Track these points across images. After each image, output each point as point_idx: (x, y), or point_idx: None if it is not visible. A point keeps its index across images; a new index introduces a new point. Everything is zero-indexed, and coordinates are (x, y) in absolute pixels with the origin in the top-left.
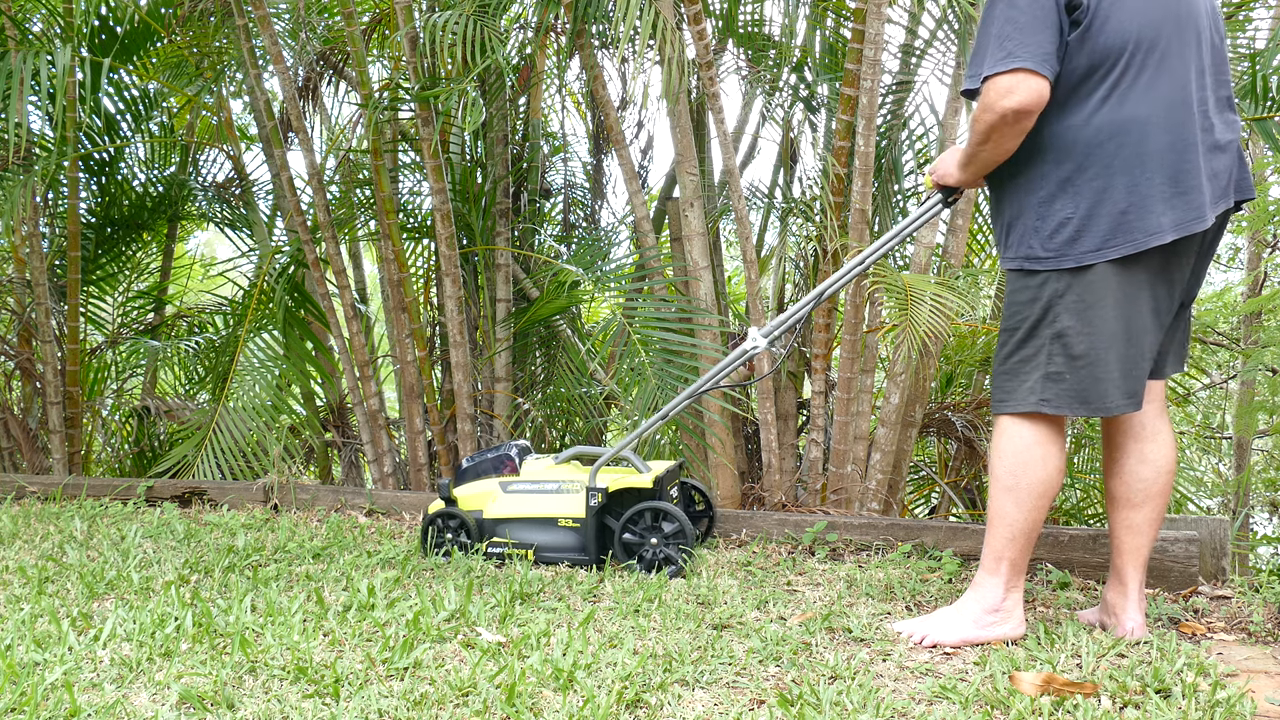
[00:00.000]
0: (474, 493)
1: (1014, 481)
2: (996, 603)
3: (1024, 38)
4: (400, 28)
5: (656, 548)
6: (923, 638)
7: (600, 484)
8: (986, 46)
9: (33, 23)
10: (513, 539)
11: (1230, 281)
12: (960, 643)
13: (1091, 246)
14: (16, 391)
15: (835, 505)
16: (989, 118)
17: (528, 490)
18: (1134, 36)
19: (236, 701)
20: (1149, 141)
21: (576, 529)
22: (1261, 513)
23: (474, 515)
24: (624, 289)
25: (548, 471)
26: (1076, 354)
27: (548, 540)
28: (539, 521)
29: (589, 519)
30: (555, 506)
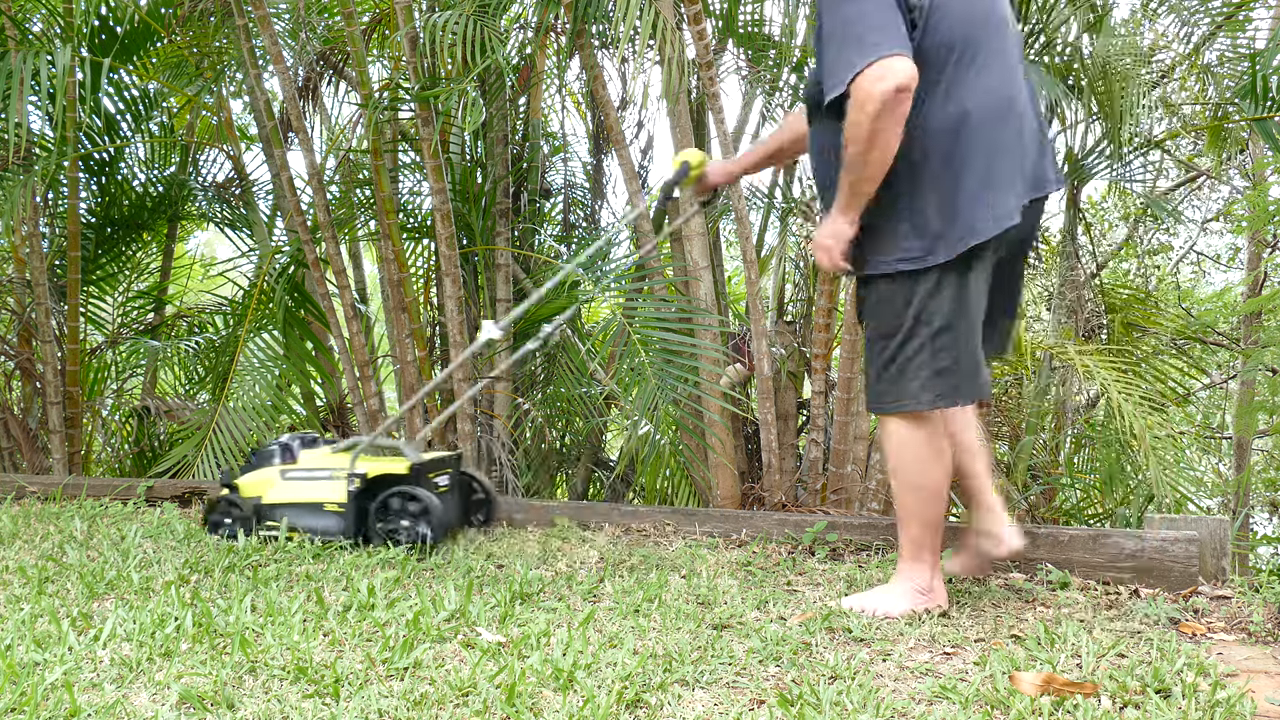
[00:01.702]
0: (256, 480)
1: (920, 481)
2: (925, 584)
3: (881, 31)
4: (400, 28)
5: (409, 529)
6: (875, 609)
7: (359, 470)
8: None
9: (33, 23)
10: (287, 523)
11: (1230, 281)
12: (901, 613)
13: (957, 238)
14: (16, 391)
15: (835, 505)
16: (871, 108)
17: (302, 477)
18: (961, 35)
19: (236, 701)
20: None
21: (341, 513)
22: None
23: (253, 501)
24: (624, 289)
25: (320, 460)
26: (954, 347)
27: (317, 524)
28: (309, 506)
29: (349, 503)
30: (323, 492)
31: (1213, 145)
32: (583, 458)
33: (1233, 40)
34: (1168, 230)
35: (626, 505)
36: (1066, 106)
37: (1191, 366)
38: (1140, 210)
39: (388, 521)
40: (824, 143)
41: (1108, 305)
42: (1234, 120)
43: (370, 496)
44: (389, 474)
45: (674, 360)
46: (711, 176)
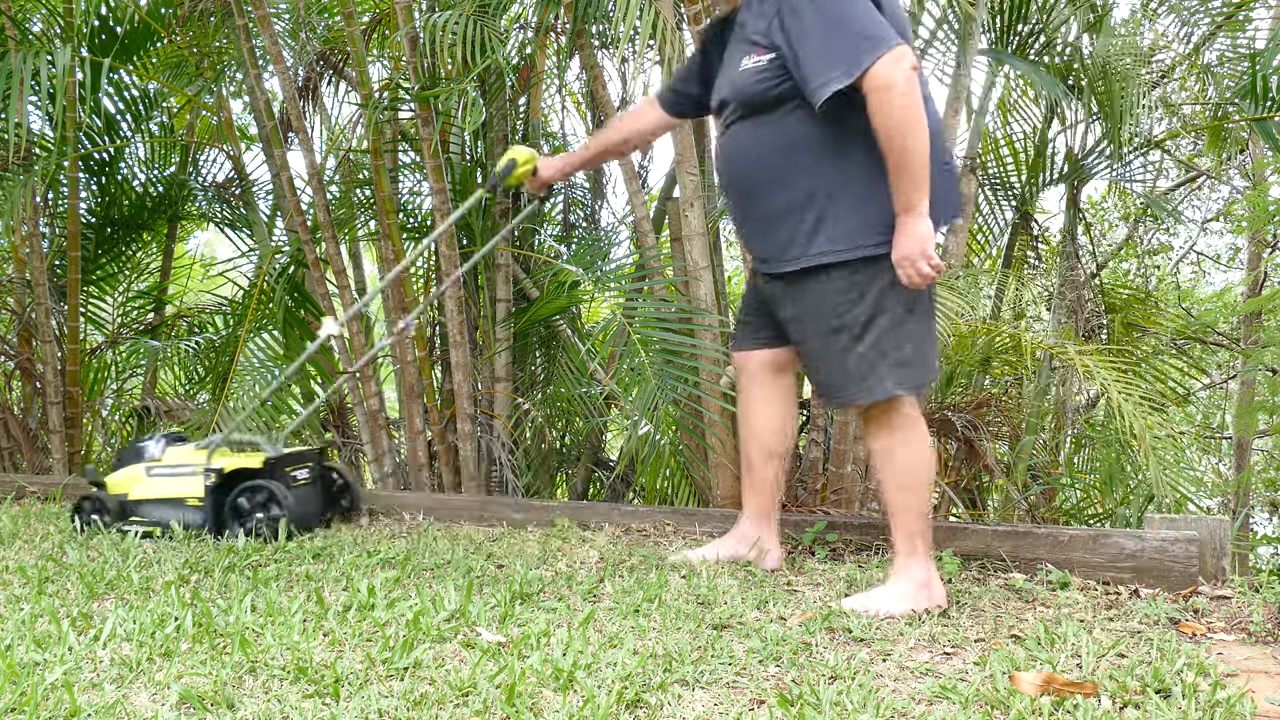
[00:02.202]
0: (123, 477)
1: (914, 476)
2: (924, 579)
3: (880, 25)
4: (400, 28)
5: (263, 520)
6: (878, 610)
7: (216, 466)
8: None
9: (33, 23)
10: (150, 517)
11: (1230, 281)
12: (905, 612)
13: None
14: (16, 391)
15: (835, 505)
16: (903, 88)
17: (166, 474)
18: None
19: (236, 701)
20: (935, 123)
21: (200, 506)
22: (1261, 513)
23: (119, 497)
24: (624, 289)
25: (184, 456)
26: (913, 332)
27: (180, 518)
28: (172, 501)
29: (208, 497)
30: (185, 488)
31: (1213, 145)
32: (583, 458)
33: (1233, 40)
34: (1168, 230)
35: (626, 505)
36: (1066, 106)
37: (1191, 366)
38: (1140, 210)
39: (242, 513)
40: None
41: (1108, 305)
42: (1234, 120)
43: (227, 490)
44: (244, 468)
45: (674, 360)
46: (544, 172)
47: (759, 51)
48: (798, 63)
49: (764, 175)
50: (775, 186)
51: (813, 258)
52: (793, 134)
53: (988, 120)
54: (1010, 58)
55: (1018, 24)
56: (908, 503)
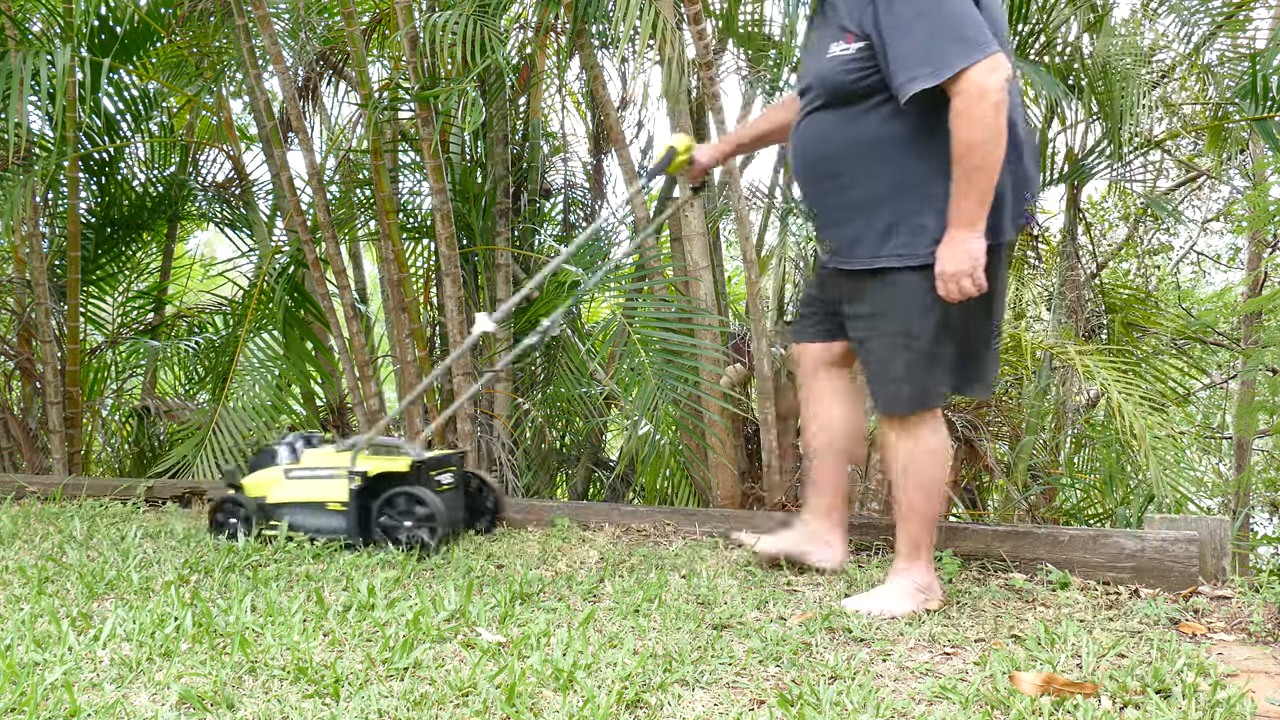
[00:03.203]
0: (261, 480)
1: (931, 479)
2: (925, 581)
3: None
4: (400, 28)
5: (410, 529)
6: (879, 610)
7: (360, 469)
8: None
9: (33, 23)
10: (290, 522)
11: (1230, 281)
12: (905, 613)
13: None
14: (16, 391)
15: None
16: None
17: (305, 476)
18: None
19: (236, 701)
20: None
21: (344, 511)
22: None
23: (257, 500)
24: (624, 289)
25: (324, 458)
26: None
27: (320, 523)
28: (312, 505)
29: (351, 502)
30: (326, 491)
31: (1213, 145)
32: (583, 458)
33: (1233, 40)
34: (1168, 230)
35: (626, 505)
36: (1066, 106)
37: (1191, 366)
38: (1140, 210)
39: (390, 520)
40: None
41: (1108, 305)
42: (1234, 120)
43: (373, 495)
44: (391, 472)
45: (674, 360)
46: (700, 159)
47: (848, 38)
48: (887, 55)
49: (840, 168)
50: (851, 181)
51: (884, 259)
52: (875, 129)
53: None
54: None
55: (1018, 24)
56: (921, 508)
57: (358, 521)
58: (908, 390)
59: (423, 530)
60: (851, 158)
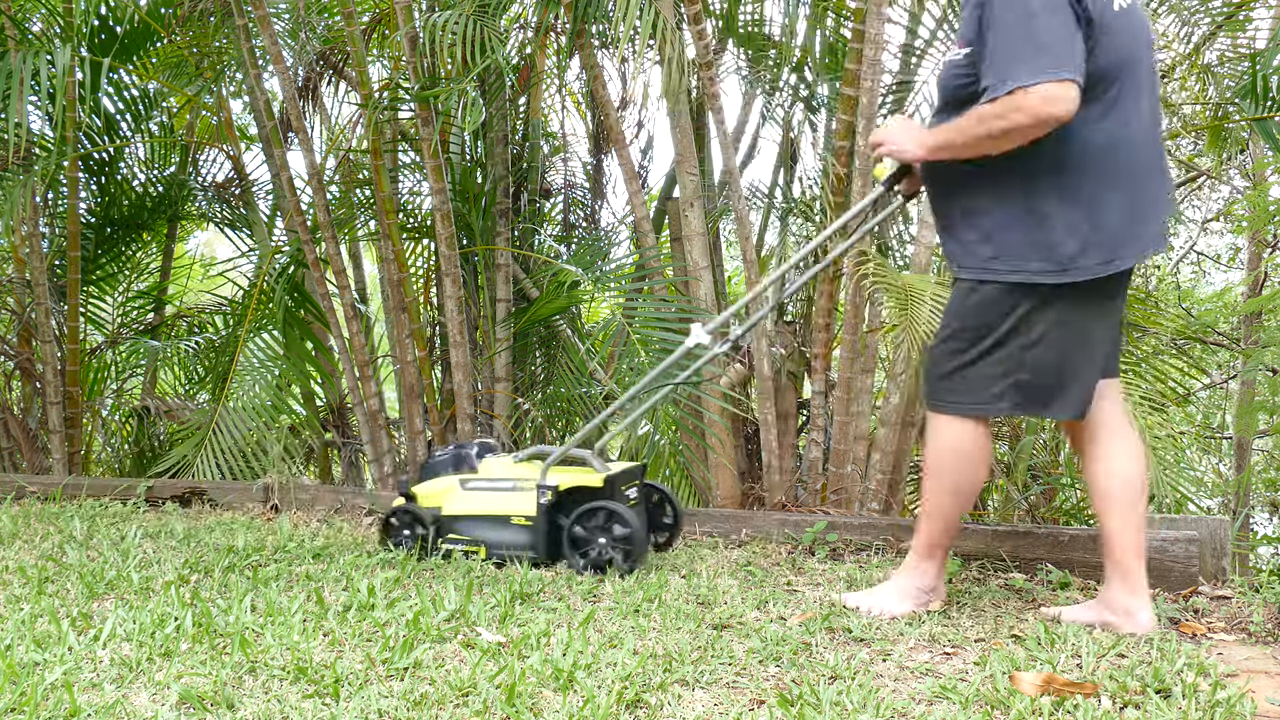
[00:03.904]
0: (434, 489)
1: (959, 483)
2: (930, 583)
3: (1064, 46)
4: (400, 28)
5: (604, 547)
6: (881, 610)
7: (551, 482)
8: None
9: (33, 23)
10: (468, 535)
11: (1230, 281)
12: (905, 614)
13: (1095, 261)
14: (16, 391)
15: (835, 505)
16: (1021, 119)
17: (484, 488)
18: (1126, 55)
19: (236, 701)
20: (1138, 158)
21: (529, 526)
22: (1261, 513)
23: (432, 512)
24: (624, 289)
25: (505, 469)
26: (1046, 364)
27: (501, 537)
28: (493, 519)
29: (540, 516)
30: (509, 504)
31: (1213, 145)
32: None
33: (1233, 40)
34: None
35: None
36: None
37: (1191, 366)
38: None
39: (580, 539)
40: None
41: None
42: (1234, 120)
43: (562, 511)
44: (583, 486)
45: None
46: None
47: (960, 44)
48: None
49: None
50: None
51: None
52: None
53: None
54: None
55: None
56: (946, 508)
57: (546, 537)
58: (945, 389)
59: (618, 550)
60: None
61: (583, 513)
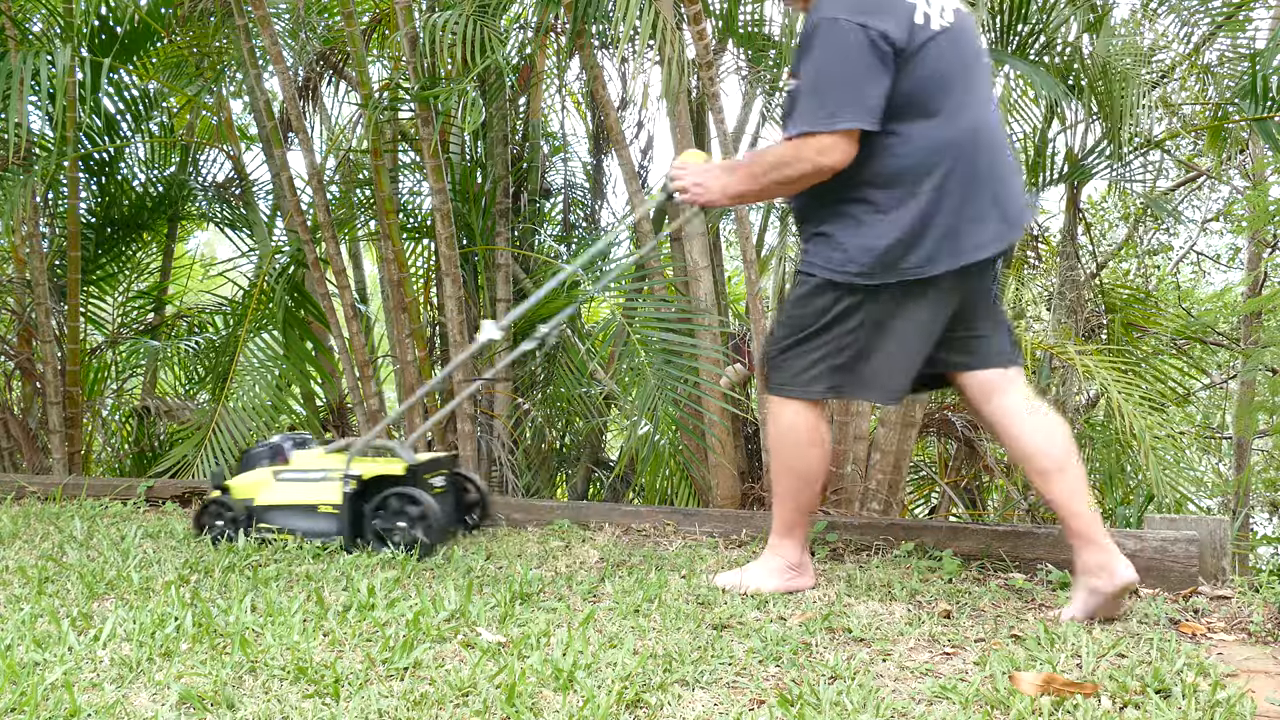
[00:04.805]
0: (248, 481)
1: (798, 465)
2: (795, 560)
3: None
4: (400, 28)
5: (404, 531)
6: (747, 587)
7: (355, 472)
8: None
9: (33, 23)
10: (279, 524)
11: (1230, 281)
12: (775, 590)
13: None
14: (16, 391)
15: (835, 505)
16: (802, 168)
17: (295, 479)
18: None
19: (236, 701)
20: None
21: (335, 514)
22: (1261, 513)
23: (245, 503)
24: (624, 289)
25: (314, 460)
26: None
27: (310, 526)
28: (302, 508)
29: (344, 504)
30: (317, 494)
31: (1213, 145)
32: (583, 458)
33: (1233, 40)
34: (1168, 230)
35: (626, 505)
36: (1066, 106)
37: (1191, 366)
38: (1140, 210)
39: (384, 523)
40: None
41: (1108, 305)
42: (1234, 120)
43: (366, 498)
44: (385, 475)
45: (674, 360)
46: None
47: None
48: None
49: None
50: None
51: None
52: None
53: None
54: (1010, 58)
55: (1018, 24)
56: (792, 489)
57: (352, 524)
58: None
59: (418, 531)
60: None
61: (383, 499)
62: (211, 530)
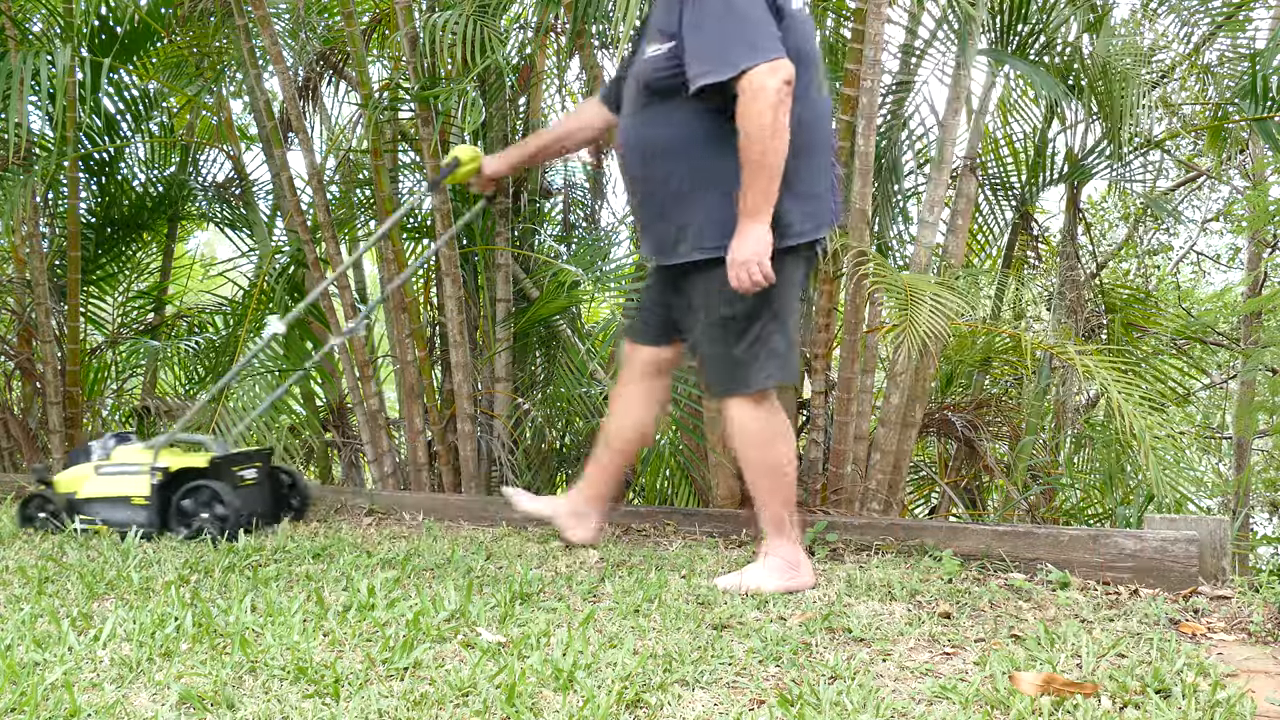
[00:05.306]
0: (71, 476)
1: (774, 461)
2: (794, 559)
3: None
4: (400, 28)
5: (205, 521)
6: (749, 588)
7: (162, 464)
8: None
9: (33, 23)
10: (97, 516)
11: (1230, 281)
12: (775, 589)
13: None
14: (16, 391)
15: (835, 505)
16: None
17: (113, 473)
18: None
19: (236, 701)
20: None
21: (145, 505)
22: (1261, 513)
23: (67, 496)
24: (624, 289)
25: (131, 455)
26: (786, 329)
27: (124, 516)
28: (117, 500)
29: (153, 495)
30: (130, 486)
31: (1213, 145)
32: (583, 458)
33: (1233, 40)
34: (1168, 230)
35: (626, 505)
36: (1066, 106)
37: (1191, 366)
38: (1140, 210)
39: (187, 513)
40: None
41: (1108, 305)
42: (1234, 120)
43: (172, 489)
44: (189, 468)
45: None
46: (488, 169)
47: (661, 39)
48: (685, 51)
49: (659, 165)
50: (668, 177)
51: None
52: (688, 127)
53: (988, 120)
54: (1010, 58)
55: (1018, 24)
56: (774, 488)
57: (159, 514)
58: (733, 379)
59: (217, 522)
60: (667, 155)
61: (187, 490)
62: (34, 522)
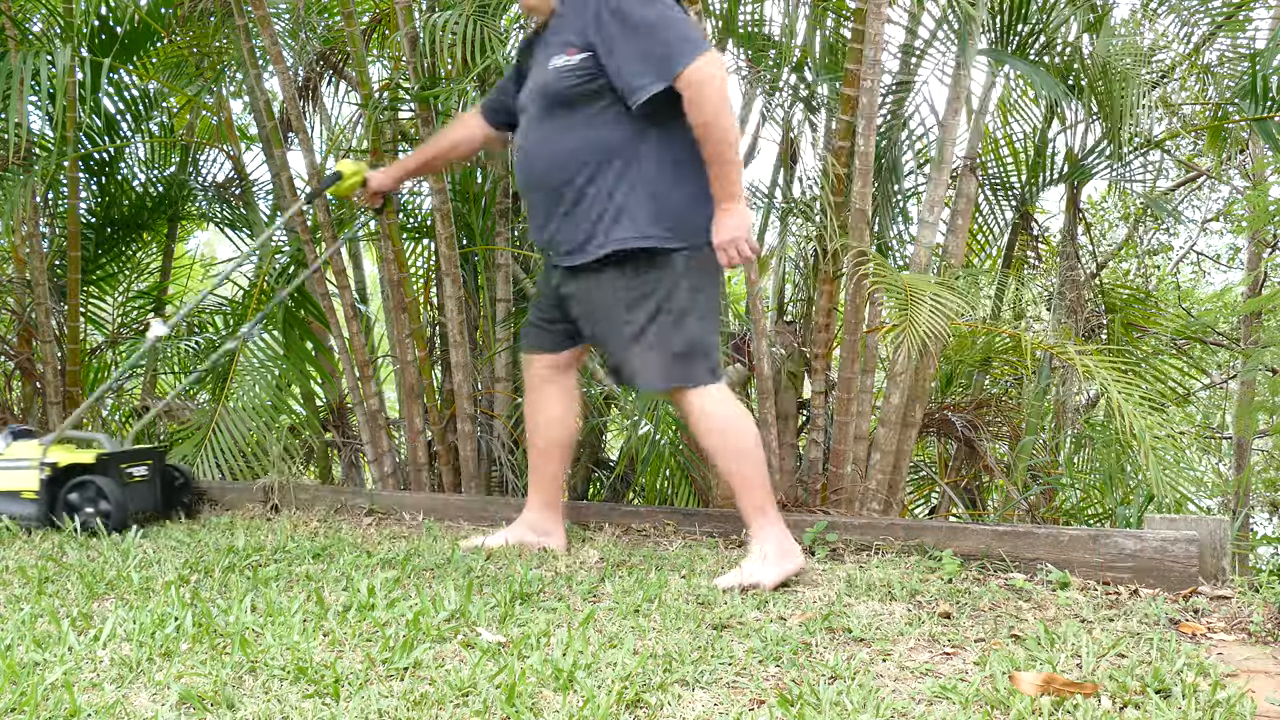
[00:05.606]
0: None
1: (743, 444)
2: (782, 545)
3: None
4: (400, 28)
5: (90, 515)
6: (751, 585)
7: (51, 460)
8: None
9: (33, 23)
10: None
11: (1230, 281)
12: (775, 580)
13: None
14: (16, 391)
15: (835, 505)
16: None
17: (6, 467)
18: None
19: (236, 701)
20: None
21: (35, 499)
22: (1261, 513)
23: None
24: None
25: (24, 450)
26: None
27: (16, 509)
28: (9, 494)
29: (42, 490)
30: (21, 481)
31: (1213, 145)
32: (582, 458)
33: (1233, 40)
34: (1168, 230)
35: (626, 505)
36: (1066, 106)
37: (1191, 366)
38: (1140, 210)
39: (73, 508)
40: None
41: (1108, 305)
42: (1234, 120)
43: (61, 484)
44: (77, 463)
45: None
46: (373, 183)
47: (571, 51)
48: (616, 66)
49: (570, 170)
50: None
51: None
52: (600, 132)
53: (988, 120)
54: (1010, 58)
55: (1018, 24)
56: (747, 475)
57: (48, 508)
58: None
59: (102, 516)
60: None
61: (74, 485)
62: None
